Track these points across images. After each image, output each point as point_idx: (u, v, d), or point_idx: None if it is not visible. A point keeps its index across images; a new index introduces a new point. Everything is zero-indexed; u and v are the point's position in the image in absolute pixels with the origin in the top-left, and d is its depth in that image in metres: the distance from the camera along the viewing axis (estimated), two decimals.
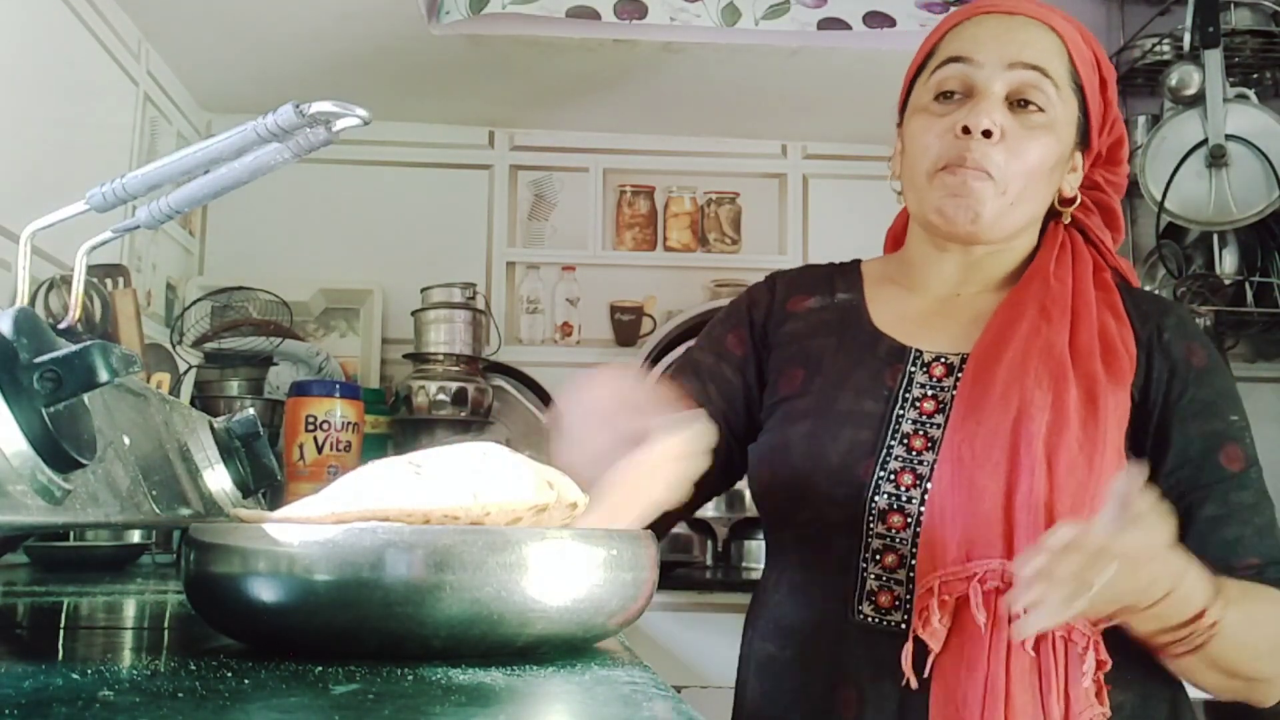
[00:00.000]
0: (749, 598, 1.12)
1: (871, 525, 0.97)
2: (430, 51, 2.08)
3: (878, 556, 0.96)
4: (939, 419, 0.99)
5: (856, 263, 1.19)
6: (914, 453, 0.98)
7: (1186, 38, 2.19)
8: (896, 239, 1.21)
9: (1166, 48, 2.33)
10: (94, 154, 1.82)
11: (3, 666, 0.61)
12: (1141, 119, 2.39)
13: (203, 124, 2.38)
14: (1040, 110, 1.01)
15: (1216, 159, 2.12)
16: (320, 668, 0.57)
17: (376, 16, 1.96)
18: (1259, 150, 2.11)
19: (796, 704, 0.98)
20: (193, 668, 0.58)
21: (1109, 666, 0.91)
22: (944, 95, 1.03)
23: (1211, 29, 2.14)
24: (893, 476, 0.98)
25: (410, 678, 0.55)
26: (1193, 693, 1.00)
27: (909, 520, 0.96)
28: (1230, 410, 0.99)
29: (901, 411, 1.01)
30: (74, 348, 0.57)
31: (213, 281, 2.33)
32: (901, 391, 1.02)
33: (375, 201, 2.47)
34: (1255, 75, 2.38)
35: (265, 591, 0.60)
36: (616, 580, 0.63)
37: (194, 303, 2.26)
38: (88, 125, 1.80)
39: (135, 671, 0.58)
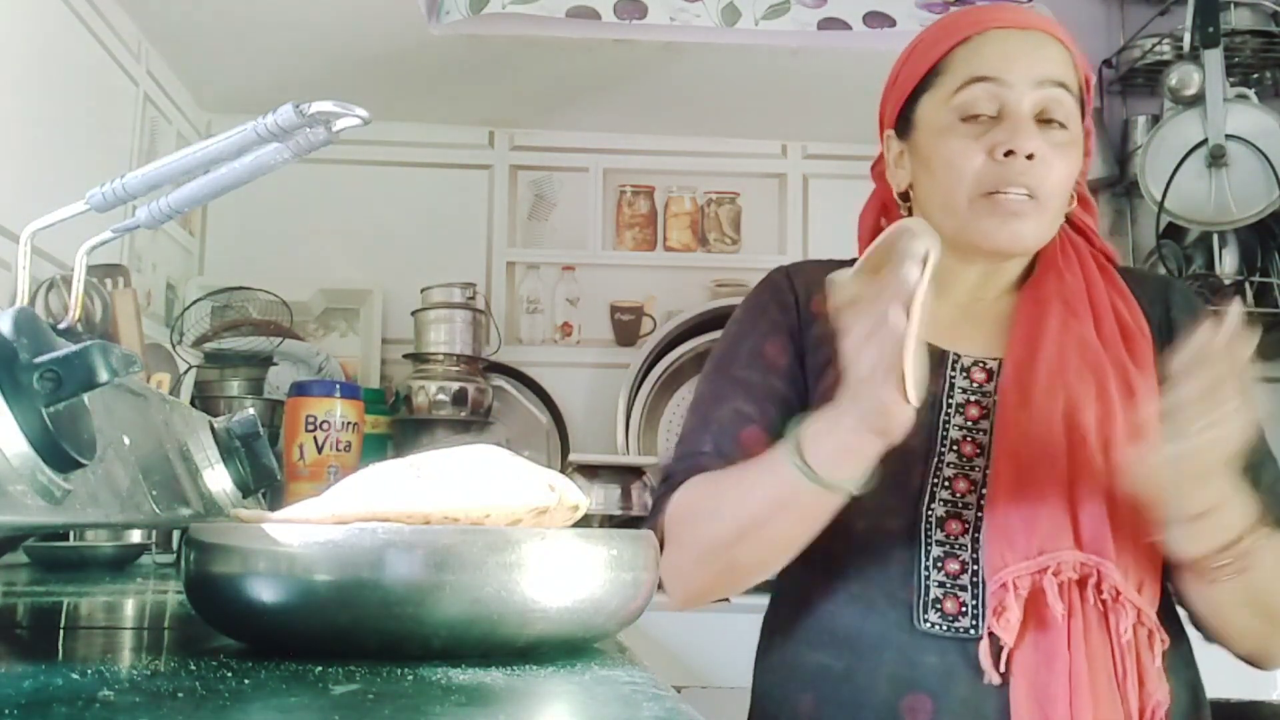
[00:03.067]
0: (749, 598, 1.11)
1: (930, 533, 0.97)
2: (430, 51, 2.08)
3: (939, 564, 0.96)
4: (985, 424, 1.00)
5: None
6: (965, 458, 0.99)
7: (1186, 38, 2.19)
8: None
9: (1166, 48, 2.33)
10: (94, 154, 1.82)
11: (3, 666, 0.61)
12: (1141, 119, 2.39)
13: (203, 124, 2.37)
14: (1063, 127, 1.01)
15: (1216, 159, 2.12)
16: (320, 668, 0.57)
17: (376, 16, 1.95)
18: (1259, 150, 2.11)
19: (857, 714, 0.96)
20: (193, 668, 0.58)
21: (1168, 645, 0.92)
22: (973, 116, 1.01)
23: (1211, 29, 2.14)
24: (948, 483, 0.98)
25: (410, 678, 0.55)
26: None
27: (968, 526, 0.97)
28: None
29: (948, 417, 1.01)
30: (74, 348, 0.57)
31: (213, 281, 2.32)
32: (945, 396, 1.02)
33: (375, 201, 2.46)
34: (1255, 75, 2.38)
35: (265, 591, 0.60)
36: (616, 580, 0.63)
37: (194, 303, 2.26)
38: (88, 125, 1.80)
39: (135, 671, 0.58)
